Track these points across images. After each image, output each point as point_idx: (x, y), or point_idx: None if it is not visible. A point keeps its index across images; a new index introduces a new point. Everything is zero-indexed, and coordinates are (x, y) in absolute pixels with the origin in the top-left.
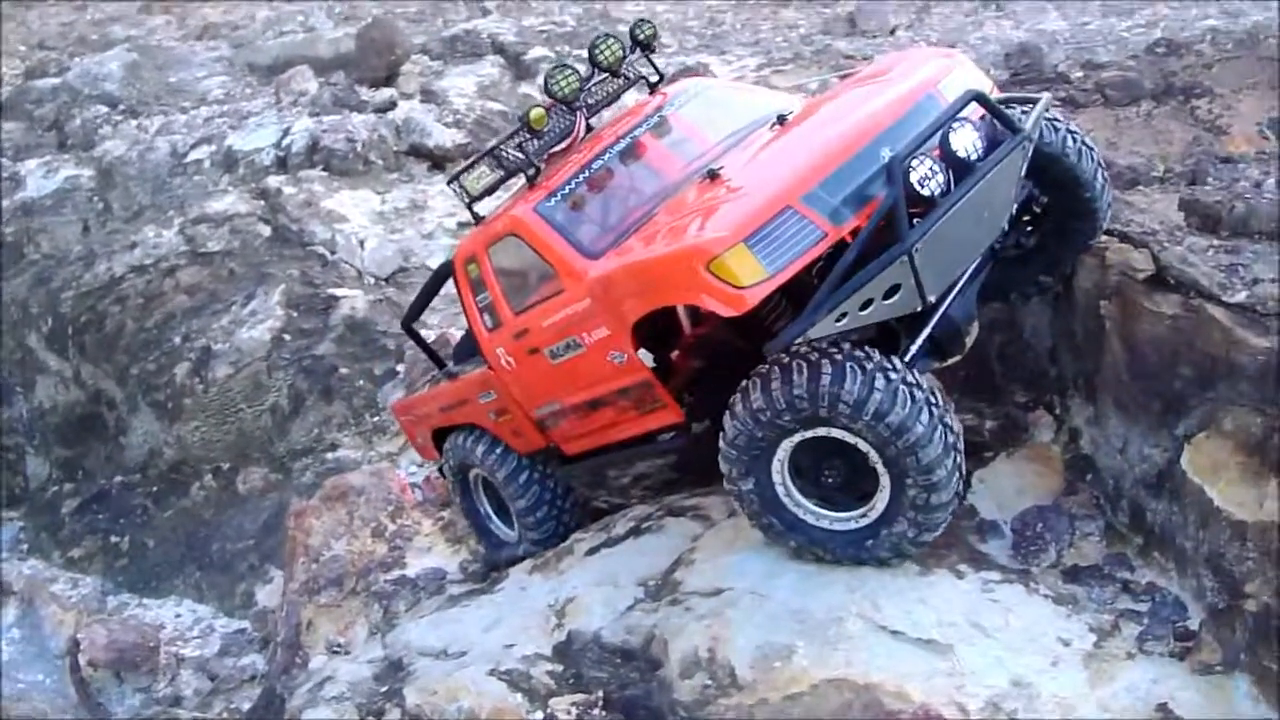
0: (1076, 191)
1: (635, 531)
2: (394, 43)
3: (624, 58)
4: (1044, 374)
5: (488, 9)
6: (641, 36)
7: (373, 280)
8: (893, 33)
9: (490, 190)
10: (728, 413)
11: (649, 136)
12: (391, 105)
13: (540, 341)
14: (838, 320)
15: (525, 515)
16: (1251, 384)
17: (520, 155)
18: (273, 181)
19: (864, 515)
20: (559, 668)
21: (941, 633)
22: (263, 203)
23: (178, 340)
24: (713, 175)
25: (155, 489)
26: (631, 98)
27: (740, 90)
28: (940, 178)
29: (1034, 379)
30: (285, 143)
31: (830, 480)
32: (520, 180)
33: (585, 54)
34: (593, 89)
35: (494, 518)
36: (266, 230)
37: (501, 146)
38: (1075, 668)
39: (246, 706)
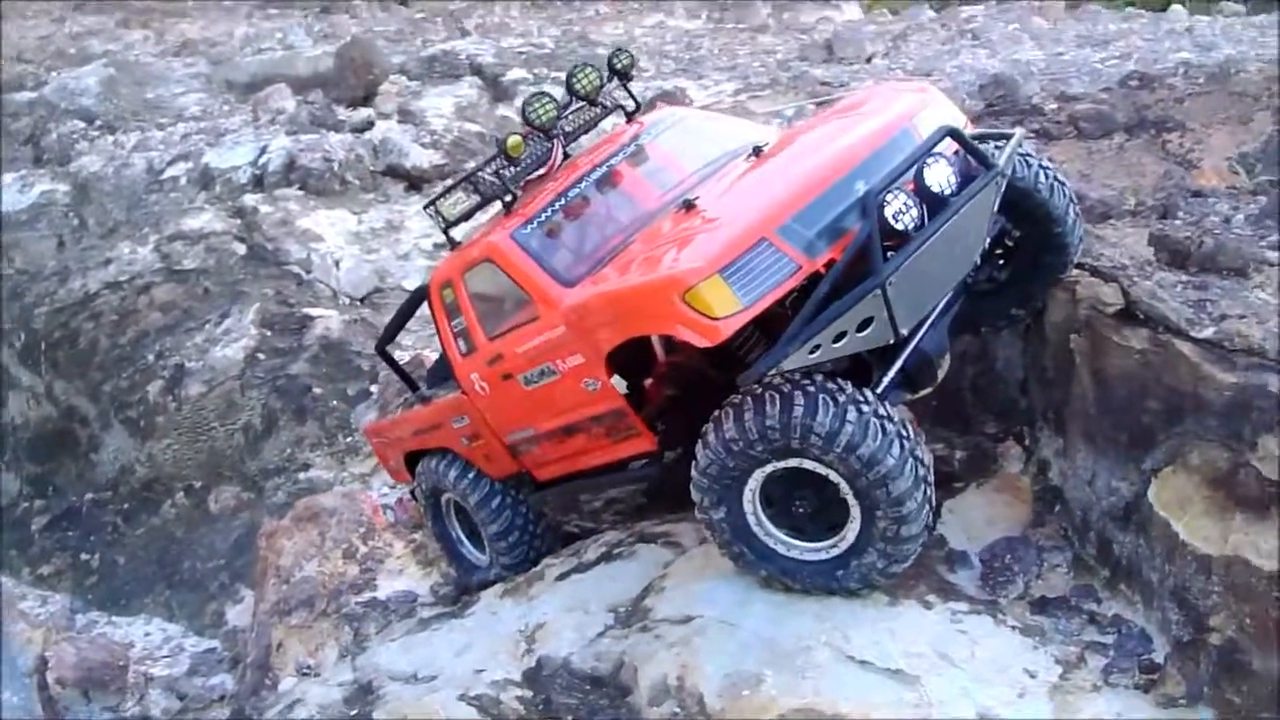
0: (1048, 227)
1: (606, 557)
2: (372, 62)
3: (601, 86)
4: (1015, 405)
5: (467, 30)
6: (619, 65)
7: (348, 300)
8: (869, 60)
9: (466, 216)
10: (700, 442)
11: (625, 165)
12: (369, 125)
13: (514, 367)
14: (811, 352)
15: (497, 540)
16: (1218, 419)
17: (497, 182)
18: (249, 200)
19: (834, 545)
20: (529, 693)
21: (909, 663)
22: (239, 221)
23: (151, 357)
24: (688, 205)
25: (126, 506)
26: (611, 124)
27: (717, 120)
28: (914, 212)
29: (1005, 410)
30: (262, 161)
31: (801, 510)
32: (497, 206)
33: (563, 81)
34: (570, 117)
35: (465, 542)
36: (242, 249)
37: (478, 173)
38: (1041, 700)
39: None
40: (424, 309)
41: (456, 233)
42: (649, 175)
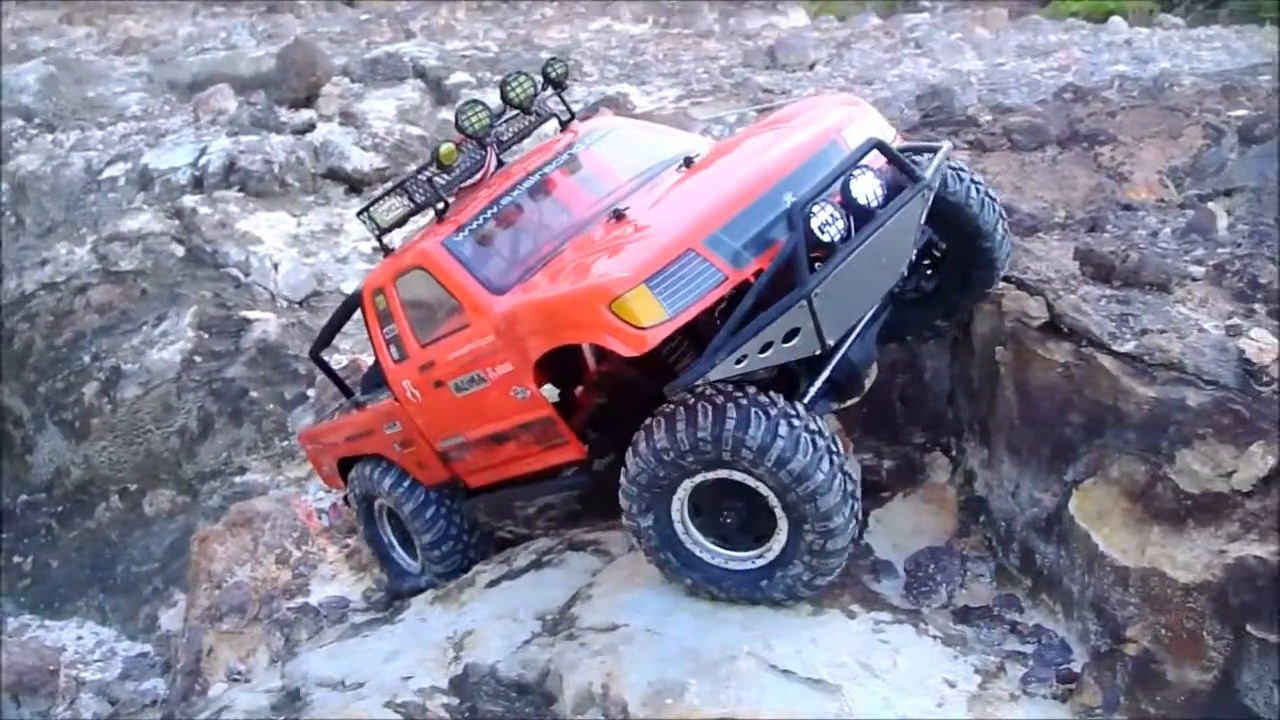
0: (977, 241)
1: (536, 565)
2: (315, 64)
3: (535, 95)
4: (942, 416)
5: (412, 32)
6: (553, 74)
7: (286, 303)
8: (812, 68)
9: (400, 223)
10: (630, 450)
11: (559, 174)
12: (310, 127)
13: (445, 375)
14: (737, 363)
15: (430, 549)
16: (1137, 432)
17: (430, 189)
18: (188, 201)
19: (760, 556)
20: (455, 700)
21: (831, 673)
22: (177, 222)
23: (87, 359)
24: (618, 215)
25: (60, 509)
26: (552, 131)
27: (651, 130)
28: (841, 224)
29: (932, 421)
30: (202, 162)
31: (729, 520)
32: (430, 214)
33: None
34: (504, 125)
35: (397, 547)
36: (180, 250)
37: (412, 180)
38: (959, 709)
39: None
40: (359, 314)
41: (392, 240)
42: (582, 184)
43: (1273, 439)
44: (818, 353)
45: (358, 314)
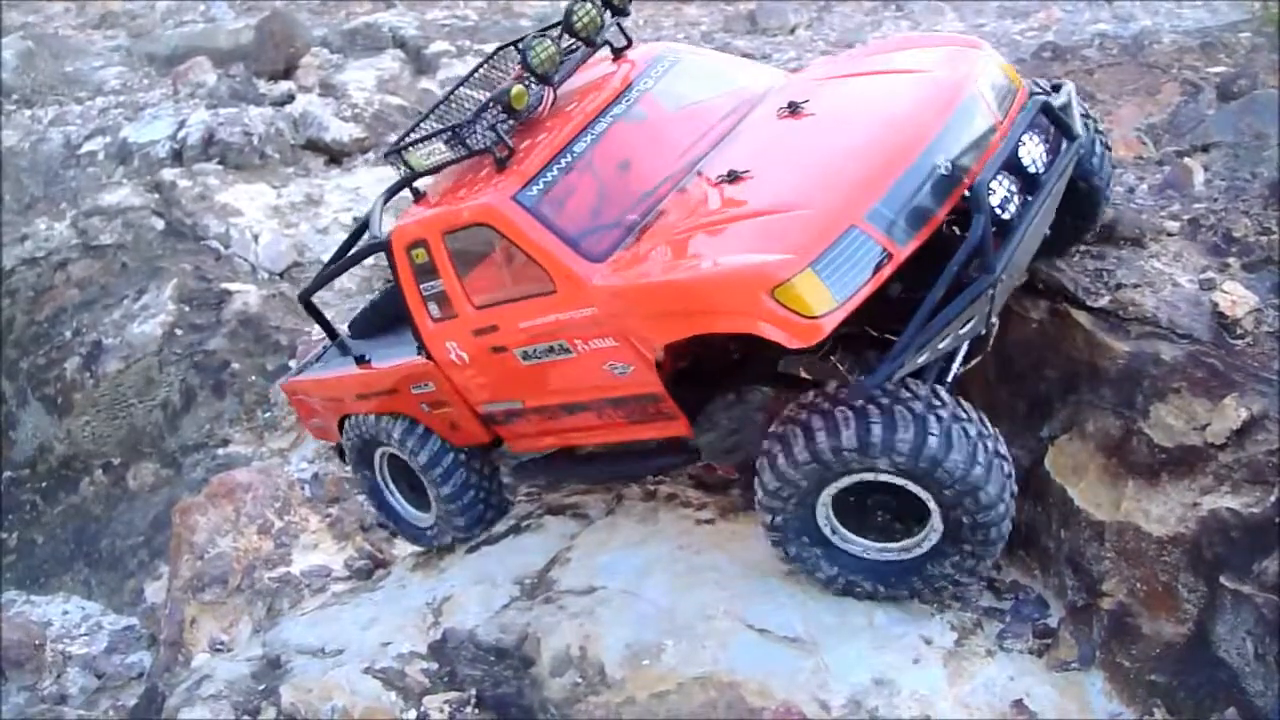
0: (1090, 187)
1: (515, 530)
2: (294, 35)
3: (601, 26)
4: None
5: (391, 1)
6: (618, 3)
7: (266, 275)
8: (792, 31)
9: (439, 168)
10: (766, 462)
11: (630, 114)
12: (289, 98)
13: (511, 341)
14: (920, 355)
15: (450, 502)
16: (1111, 388)
17: (491, 134)
18: (167, 174)
19: (918, 545)
20: (434, 666)
21: (807, 631)
22: (157, 196)
23: (68, 334)
24: (733, 175)
25: (44, 485)
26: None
27: (714, 59)
28: (1018, 199)
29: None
30: (181, 135)
31: (880, 516)
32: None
33: (500, 46)
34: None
35: (397, 496)
36: (160, 224)
37: (466, 125)
38: (936, 665)
39: (133, 704)
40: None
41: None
42: (661, 127)
43: (1246, 391)
44: (983, 333)
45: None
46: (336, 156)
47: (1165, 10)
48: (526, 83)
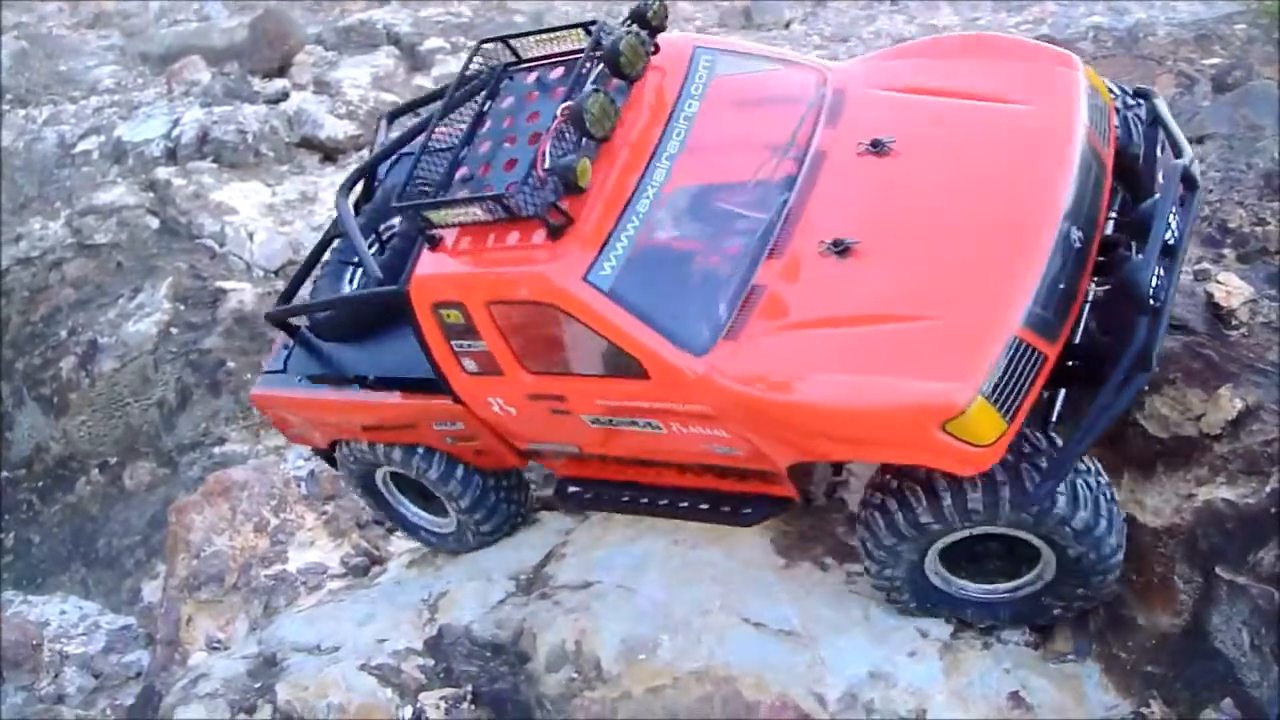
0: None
1: (522, 521)
2: (287, 33)
3: (647, 55)
4: None
5: None
6: (653, 20)
7: (261, 273)
8: (788, 26)
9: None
10: (877, 520)
11: (688, 149)
12: (284, 96)
13: (582, 410)
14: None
15: (473, 511)
16: None
17: (539, 203)
18: (162, 173)
19: (1029, 584)
20: (430, 662)
21: (803, 625)
22: (151, 194)
23: (64, 334)
24: (841, 247)
25: (41, 484)
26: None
27: (747, 50)
28: (1164, 280)
29: None
30: (175, 134)
31: (991, 565)
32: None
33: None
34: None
35: (414, 510)
36: (155, 222)
37: (516, 195)
38: (931, 658)
39: (130, 703)
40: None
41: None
42: (724, 159)
43: (1241, 382)
44: None
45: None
46: (331, 154)
47: (1160, 3)
48: (582, 148)
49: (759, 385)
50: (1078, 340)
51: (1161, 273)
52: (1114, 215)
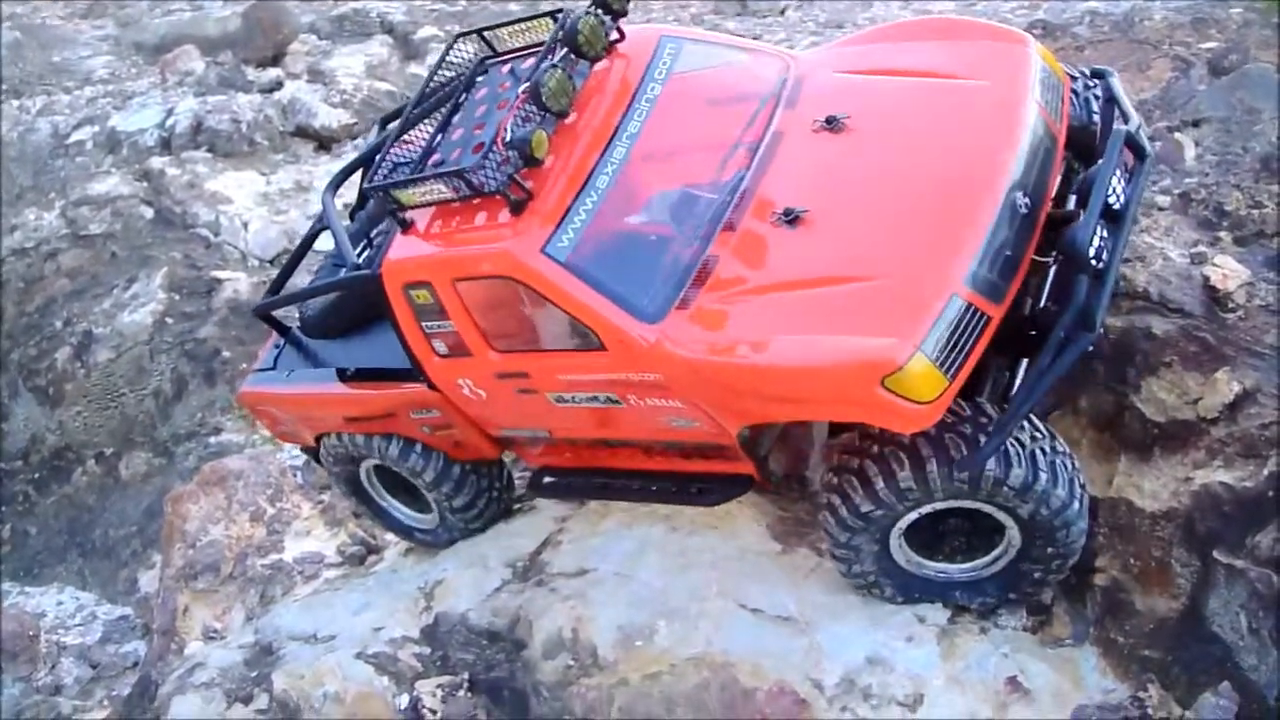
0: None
1: (507, 513)
2: (281, 22)
3: (607, 37)
4: None
5: None
6: (615, 6)
7: (256, 262)
8: (783, 12)
9: (429, 205)
10: (840, 497)
11: (647, 131)
12: (278, 85)
13: (545, 387)
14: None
15: (465, 510)
16: (1104, 363)
17: (500, 178)
18: (156, 163)
19: (991, 564)
20: (426, 650)
21: (800, 610)
22: (146, 184)
23: (59, 324)
24: (791, 216)
25: (37, 475)
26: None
27: (710, 40)
28: (1107, 241)
29: None
30: (169, 123)
31: (953, 543)
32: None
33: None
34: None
35: (395, 504)
36: (149, 212)
37: (477, 170)
38: (929, 643)
39: (127, 693)
40: None
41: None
42: (683, 139)
43: (1238, 365)
44: None
45: None
46: (325, 143)
47: None
48: (541, 122)
49: (705, 349)
50: (1037, 311)
51: (1105, 234)
52: (1074, 194)
